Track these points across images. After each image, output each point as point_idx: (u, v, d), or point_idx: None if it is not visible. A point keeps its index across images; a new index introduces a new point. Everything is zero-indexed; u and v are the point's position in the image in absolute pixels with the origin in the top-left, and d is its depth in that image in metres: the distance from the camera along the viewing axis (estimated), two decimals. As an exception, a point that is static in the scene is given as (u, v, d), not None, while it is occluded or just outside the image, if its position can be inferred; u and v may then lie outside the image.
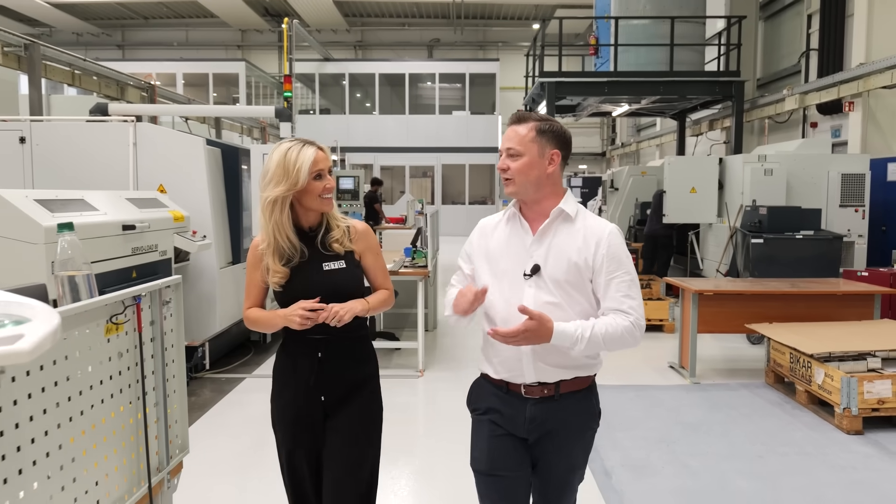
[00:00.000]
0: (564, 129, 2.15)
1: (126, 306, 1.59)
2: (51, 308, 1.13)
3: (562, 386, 2.11)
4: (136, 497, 1.64)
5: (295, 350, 2.32)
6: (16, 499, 1.21)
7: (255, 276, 2.32)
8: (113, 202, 4.68)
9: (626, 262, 2.07)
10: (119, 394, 1.58)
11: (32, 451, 1.27)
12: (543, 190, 2.12)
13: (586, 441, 2.20)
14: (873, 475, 3.86)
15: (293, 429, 2.31)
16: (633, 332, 2.03)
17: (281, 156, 2.23)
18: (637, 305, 2.05)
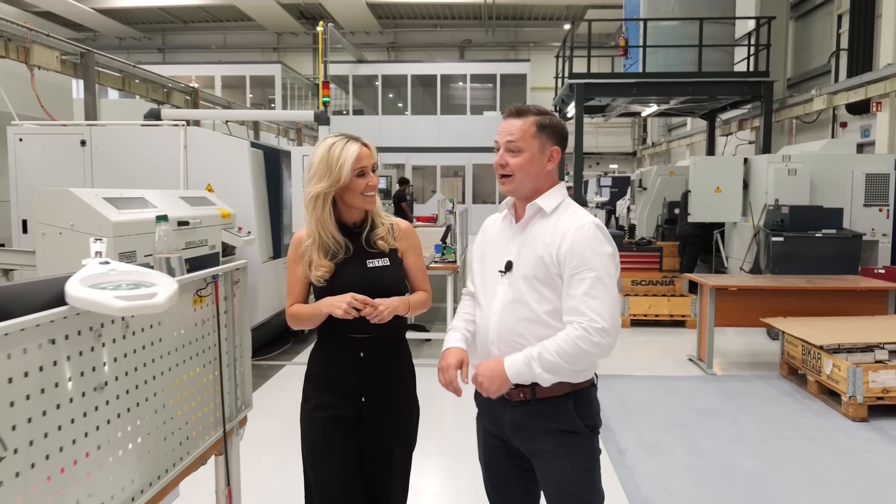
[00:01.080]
0: (563, 124, 2.09)
1: (207, 283, 1.96)
2: (170, 278, 1.49)
3: (537, 390, 1.99)
4: (214, 439, 2.00)
5: (335, 349, 2.27)
6: (135, 425, 1.58)
7: (296, 272, 2.27)
8: (168, 200, 5.11)
9: (591, 258, 1.91)
10: (201, 354, 1.94)
11: (142, 392, 1.64)
12: (541, 186, 2.05)
13: (574, 454, 2.01)
14: (872, 458, 4.10)
15: (326, 427, 2.24)
16: (590, 338, 1.87)
17: (325, 151, 2.21)
18: (598, 306, 1.88)
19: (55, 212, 4.17)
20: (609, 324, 1.89)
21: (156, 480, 1.69)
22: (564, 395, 1.98)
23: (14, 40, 7.39)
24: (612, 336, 1.90)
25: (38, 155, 6.14)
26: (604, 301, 1.89)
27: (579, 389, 2.00)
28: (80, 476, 1.40)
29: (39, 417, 1.27)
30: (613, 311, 1.91)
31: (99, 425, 1.46)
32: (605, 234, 1.97)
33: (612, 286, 1.93)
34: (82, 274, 1.37)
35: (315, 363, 2.30)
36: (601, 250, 1.93)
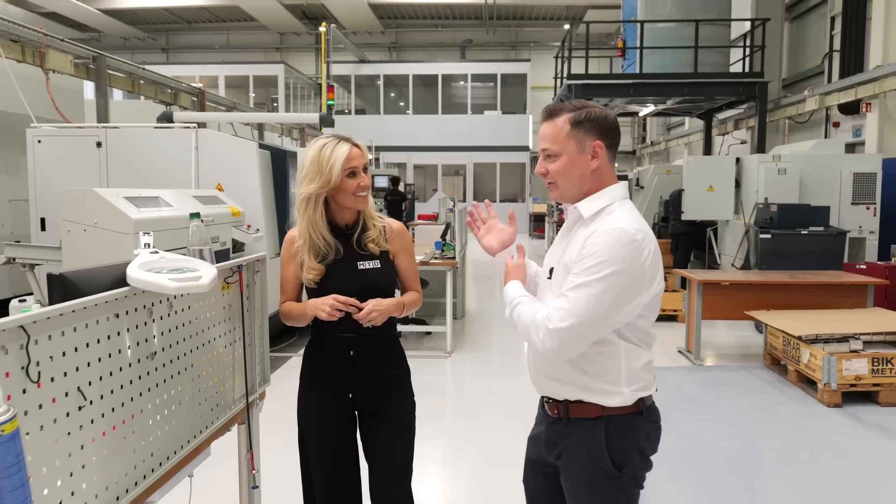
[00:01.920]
0: (605, 113, 1.86)
1: (233, 272, 2.24)
2: (209, 264, 1.77)
3: (570, 409, 1.85)
4: (238, 408, 2.29)
5: (325, 348, 2.30)
6: (176, 390, 1.87)
7: (289, 270, 2.30)
8: (182, 199, 5.40)
9: (591, 264, 1.71)
10: (227, 333, 2.23)
11: (182, 362, 1.93)
12: (590, 188, 1.86)
13: (599, 489, 1.83)
14: (842, 439, 4.39)
15: (320, 427, 2.28)
16: (538, 330, 1.75)
17: (316, 152, 2.20)
18: (564, 311, 1.71)
19: (80, 210, 4.46)
20: (562, 328, 1.71)
21: (192, 439, 1.98)
22: (596, 418, 1.81)
23: (30, 45, 7.67)
24: (559, 342, 1.72)
25: (56, 156, 6.42)
26: (573, 307, 1.71)
27: (614, 415, 1.81)
28: (136, 428, 1.68)
29: (107, 377, 1.56)
30: (578, 322, 1.70)
31: (150, 388, 1.74)
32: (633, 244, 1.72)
33: (597, 303, 1.70)
34: (139, 261, 1.65)
35: (308, 361, 2.35)
36: (611, 258, 1.70)
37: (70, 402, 1.43)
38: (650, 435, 1.87)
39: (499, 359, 6.74)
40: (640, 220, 1.81)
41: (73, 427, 1.44)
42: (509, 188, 25.12)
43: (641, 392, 1.83)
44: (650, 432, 1.86)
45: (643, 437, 1.84)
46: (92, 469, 1.50)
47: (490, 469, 4.07)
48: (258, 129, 14.22)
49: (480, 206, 2.20)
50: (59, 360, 1.39)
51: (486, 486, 3.84)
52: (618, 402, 1.80)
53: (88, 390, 1.48)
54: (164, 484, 1.83)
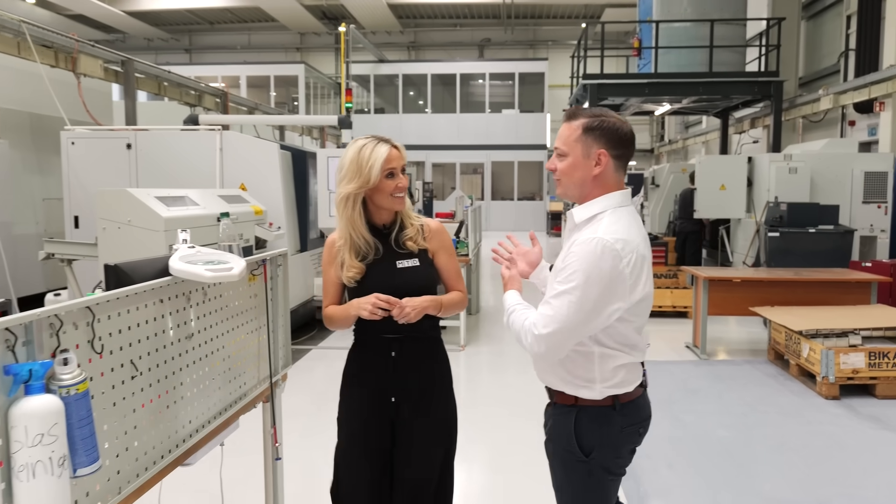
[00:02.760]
0: (619, 124, 1.95)
1: (259, 265, 2.49)
2: (239, 257, 2.03)
3: (556, 396, 2.05)
4: (262, 388, 2.55)
5: (367, 349, 2.32)
6: (209, 368, 2.14)
7: (330, 273, 2.33)
8: (208, 198, 5.69)
9: (569, 273, 1.85)
10: (253, 320, 2.48)
11: (215, 344, 2.18)
12: (590, 192, 1.97)
13: (567, 469, 2.03)
14: (836, 429, 4.57)
15: (363, 429, 2.30)
16: (526, 334, 1.92)
17: (355, 153, 2.23)
18: (547, 317, 1.86)
19: (115, 209, 4.77)
20: (546, 334, 1.86)
21: (223, 412, 2.24)
22: (570, 406, 1.99)
23: (63, 50, 8.02)
24: (544, 346, 1.87)
25: (89, 157, 6.75)
26: (555, 314, 1.85)
27: (586, 406, 1.97)
28: (176, 399, 1.94)
29: (153, 353, 1.82)
30: (557, 331, 1.85)
31: (188, 364, 2.00)
32: (608, 253, 1.83)
33: (577, 309, 1.83)
34: (179, 254, 1.91)
35: (351, 363, 2.38)
36: (587, 267, 1.83)
37: (124, 373, 1.69)
38: (625, 429, 1.98)
39: (511, 352, 6.97)
40: (628, 229, 1.89)
41: (127, 393, 1.70)
42: (527, 186, 25.28)
43: (614, 390, 1.95)
44: (625, 426, 1.98)
45: (616, 430, 1.97)
46: (141, 430, 1.76)
47: (501, 456, 4.31)
48: (279, 130, 14.55)
49: (505, 242, 2.32)
50: (116, 337, 1.65)
51: (497, 473, 4.08)
52: (589, 395, 1.95)
53: (139, 363, 1.74)
54: (199, 449, 2.09)
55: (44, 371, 1.32)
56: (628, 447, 2.04)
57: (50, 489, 1.30)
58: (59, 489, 1.32)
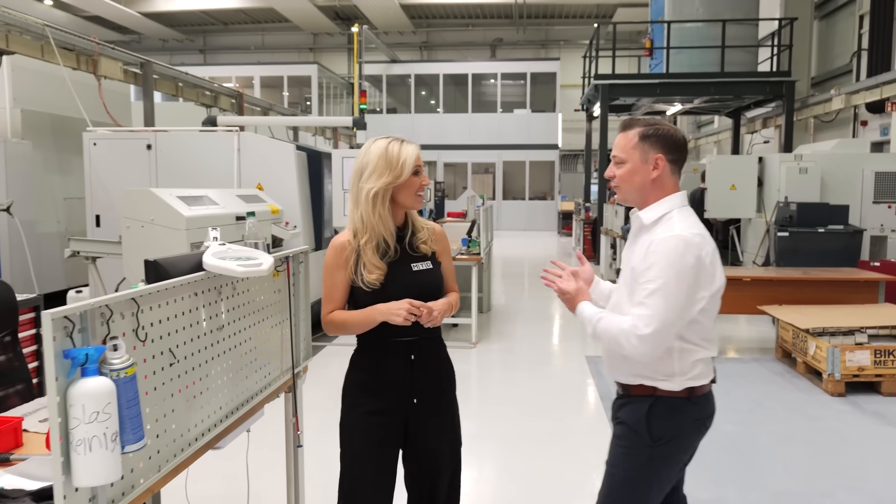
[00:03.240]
0: (673, 132, 2.11)
1: (282, 262, 2.63)
2: (266, 254, 2.17)
3: (631, 389, 2.14)
4: (285, 378, 2.68)
5: (384, 354, 2.28)
6: (238, 358, 2.27)
7: (339, 278, 2.26)
8: (227, 198, 5.84)
9: (657, 270, 1.96)
10: (277, 314, 2.62)
11: (242, 335, 2.32)
12: (649, 195, 2.10)
13: (630, 449, 2.11)
14: (840, 425, 4.67)
15: (381, 435, 2.27)
16: (628, 339, 1.97)
17: (382, 149, 2.22)
18: (647, 316, 1.95)
19: (139, 208, 4.93)
20: (651, 335, 1.94)
21: (250, 399, 2.38)
22: (646, 397, 2.09)
23: (84, 53, 8.21)
24: (650, 345, 1.96)
25: (110, 157, 6.93)
26: (654, 313, 1.94)
27: (663, 396, 2.07)
28: (210, 385, 2.08)
29: (189, 342, 1.95)
30: (660, 327, 1.94)
31: (219, 354, 2.14)
32: (691, 247, 1.97)
33: (674, 303, 1.94)
34: (212, 251, 2.04)
35: (362, 369, 2.31)
36: (674, 265, 1.95)
37: (164, 360, 1.83)
38: (696, 421, 2.11)
39: (522, 349, 7.09)
40: (698, 224, 2.05)
41: (166, 379, 1.84)
42: (538, 186, 25.36)
43: (692, 382, 2.07)
44: (696, 418, 2.10)
45: (688, 421, 2.09)
46: (178, 414, 1.90)
47: (511, 446, 4.44)
48: (293, 130, 14.74)
49: (551, 268, 2.39)
50: (157, 327, 1.79)
51: (507, 469, 4.21)
52: (668, 387, 2.07)
53: (176, 351, 1.88)
54: (228, 434, 2.22)
55: (98, 355, 1.46)
56: (693, 440, 2.14)
57: (104, 462, 1.44)
58: (112, 462, 1.46)
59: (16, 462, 1.86)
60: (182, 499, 2.90)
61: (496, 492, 3.86)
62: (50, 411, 1.40)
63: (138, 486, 1.70)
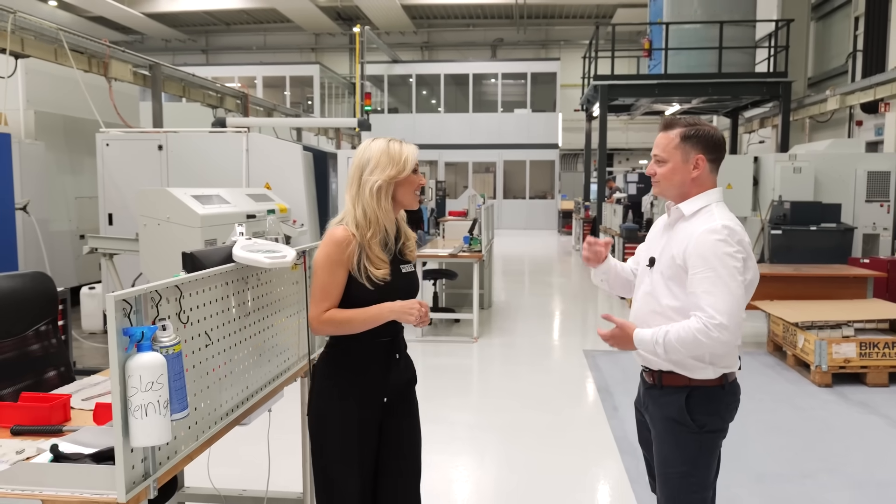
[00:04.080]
0: (713, 132, 2.19)
1: (300, 256, 2.85)
2: (289, 247, 2.38)
3: (663, 378, 2.20)
4: (301, 364, 2.90)
5: (364, 354, 2.28)
6: (262, 342, 2.49)
7: (339, 274, 2.21)
8: (237, 197, 6.07)
9: (711, 259, 2.04)
10: (294, 304, 2.84)
11: (266, 322, 2.54)
12: (689, 192, 2.19)
13: (678, 441, 2.19)
14: (825, 414, 4.89)
15: (360, 435, 2.27)
16: (708, 333, 2.01)
17: (383, 146, 2.25)
18: (716, 303, 2.00)
19: (155, 207, 5.15)
20: (727, 320, 2.00)
21: (272, 381, 2.60)
22: (682, 387, 2.17)
23: (96, 56, 8.43)
24: (732, 332, 2.03)
25: (122, 158, 7.16)
26: (722, 298, 2.01)
27: (699, 386, 2.16)
28: (239, 367, 2.30)
29: (221, 325, 2.17)
30: (733, 308, 2.02)
31: (246, 338, 2.36)
32: (734, 235, 2.08)
33: (734, 285, 2.03)
34: (240, 244, 2.26)
35: (340, 369, 2.29)
36: (723, 250, 2.04)
37: (201, 341, 2.04)
38: (730, 405, 2.24)
39: (522, 344, 7.31)
40: (734, 217, 2.18)
41: (203, 358, 2.05)
42: (539, 185, 25.58)
43: (725, 370, 2.18)
44: (730, 403, 2.23)
45: (724, 407, 2.22)
46: (212, 390, 2.12)
47: (511, 437, 4.66)
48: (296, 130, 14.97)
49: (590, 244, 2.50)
50: (196, 311, 2.01)
51: (507, 453, 4.43)
52: (702, 376, 2.16)
53: (211, 334, 2.10)
54: (252, 412, 2.44)
55: (150, 334, 1.68)
56: (730, 419, 2.27)
57: (157, 425, 1.65)
58: (164, 426, 1.67)
59: (67, 433, 2.07)
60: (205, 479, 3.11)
61: (496, 482, 4.07)
62: (112, 380, 1.62)
63: (180, 451, 1.92)
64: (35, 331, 2.64)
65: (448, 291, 9.10)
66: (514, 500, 3.75)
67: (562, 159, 25.59)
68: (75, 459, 1.81)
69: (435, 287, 8.36)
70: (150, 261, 5.19)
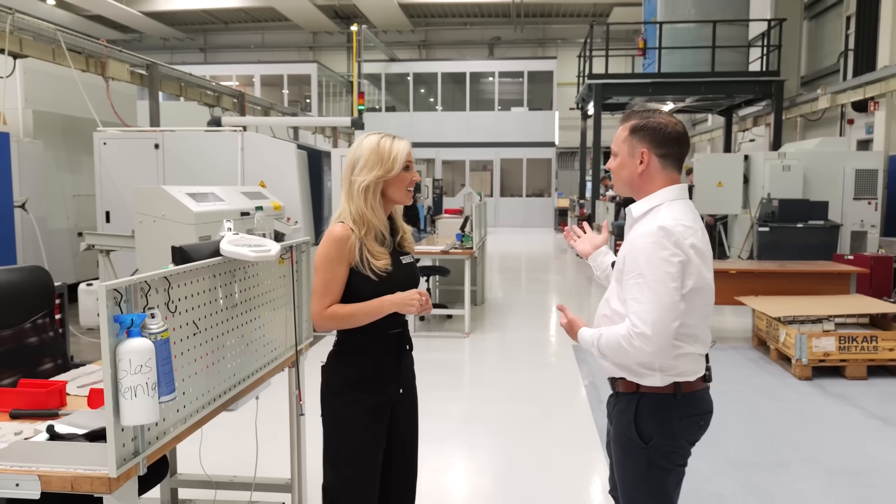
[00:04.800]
0: (664, 125, 2.05)
1: (287, 250, 2.97)
2: (274, 242, 2.51)
3: (618, 384, 2.11)
4: (289, 354, 3.02)
5: (379, 347, 2.33)
6: (249, 332, 2.62)
7: (339, 271, 2.25)
8: (231, 195, 6.19)
9: (641, 264, 1.93)
10: (282, 297, 2.96)
11: (253, 313, 2.66)
12: (639, 189, 2.09)
13: (627, 455, 2.10)
14: (804, 405, 5.02)
15: (379, 430, 2.33)
16: (631, 341, 1.92)
17: (374, 143, 2.27)
18: (641, 311, 1.91)
19: (150, 204, 5.28)
20: (650, 330, 1.89)
21: (259, 370, 2.72)
22: (632, 393, 2.05)
23: (93, 56, 8.54)
24: (654, 343, 1.90)
25: (119, 156, 7.28)
26: (648, 307, 1.90)
27: (647, 393, 2.03)
28: (226, 355, 2.42)
29: (209, 315, 2.29)
30: (658, 318, 1.90)
31: (233, 328, 2.48)
32: (670, 237, 1.93)
33: (663, 292, 1.90)
34: (227, 239, 2.39)
35: (353, 365, 2.34)
36: (655, 255, 1.92)
37: (188, 330, 2.17)
38: (684, 419, 2.04)
39: (512, 338, 7.43)
40: (687, 215, 2.00)
41: (190, 346, 2.18)
42: (535, 183, 25.70)
43: (677, 378, 2.02)
44: (684, 416, 2.04)
45: (675, 419, 2.03)
46: (199, 377, 2.24)
47: (499, 428, 4.78)
48: (293, 128, 15.08)
49: (574, 227, 2.60)
50: (184, 301, 2.13)
51: (498, 437, 4.56)
52: (650, 382, 2.02)
53: (199, 323, 2.22)
54: (239, 399, 2.56)
55: (140, 321, 1.80)
56: (686, 438, 2.09)
57: (146, 406, 1.77)
58: (152, 407, 1.80)
59: (63, 417, 2.20)
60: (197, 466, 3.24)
61: (480, 472, 4.20)
62: (104, 363, 1.74)
63: (169, 433, 2.05)
64: (32, 323, 2.76)
65: (441, 288, 9.24)
66: (500, 487, 3.88)
67: (559, 157, 25.71)
68: (70, 438, 1.94)
69: (428, 283, 8.48)
70: (146, 257, 5.32)
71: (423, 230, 9.78)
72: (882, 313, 6.00)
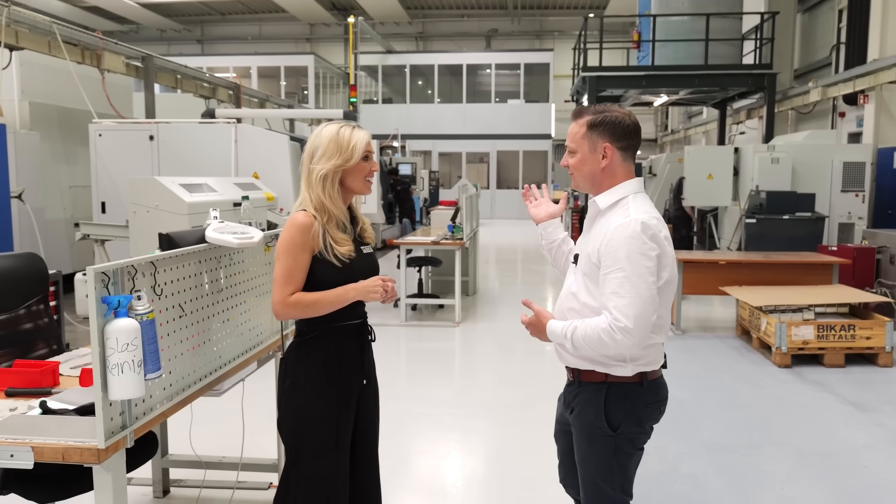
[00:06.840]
0: (622, 118, 2.08)
1: (272, 238, 3.09)
2: (258, 230, 2.63)
3: (582, 374, 2.13)
4: (274, 339, 3.15)
5: (339, 337, 2.34)
6: (235, 317, 2.74)
7: (302, 259, 2.24)
8: (224, 186, 6.30)
9: (621, 258, 1.95)
10: (267, 284, 3.08)
11: (238, 298, 2.78)
12: (601, 184, 2.11)
13: (593, 444, 2.13)
14: (781, 392, 5.15)
15: (341, 419, 2.34)
16: (612, 335, 1.94)
17: (333, 133, 2.28)
18: (623, 305, 1.93)
19: (144, 195, 5.39)
20: (632, 324, 1.92)
21: (244, 353, 2.84)
22: (600, 383, 2.09)
23: (89, 48, 8.63)
24: (636, 336, 1.94)
25: (115, 148, 7.38)
26: (630, 301, 1.93)
27: (616, 382, 2.08)
28: (212, 338, 2.54)
29: (195, 299, 2.41)
30: (639, 312, 1.93)
31: (218, 312, 2.60)
32: (648, 231, 1.98)
33: (643, 286, 1.94)
34: (212, 227, 2.51)
35: (320, 355, 2.33)
36: (635, 248, 1.95)
37: (174, 312, 2.29)
38: (649, 405, 2.12)
39: (502, 328, 7.56)
40: (653, 209, 2.08)
41: (176, 328, 2.30)
42: (532, 175, 25.77)
43: (644, 367, 2.08)
44: (650, 402, 2.12)
45: (641, 406, 2.10)
46: (185, 358, 2.36)
47: (487, 413, 4.91)
48: (289, 120, 15.17)
49: (534, 187, 2.57)
50: (170, 285, 2.25)
51: (487, 420, 4.69)
52: (620, 372, 2.07)
53: (185, 307, 2.34)
54: (225, 380, 2.69)
55: (127, 302, 1.92)
56: (650, 423, 2.17)
57: (132, 382, 1.90)
58: (138, 383, 1.92)
59: (55, 394, 2.32)
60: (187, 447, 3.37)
61: (464, 457, 4.33)
62: (92, 341, 1.87)
63: (156, 409, 2.17)
64: (27, 308, 2.88)
65: (433, 278, 9.36)
66: (492, 471, 4.01)
67: (555, 149, 25.79)
68: (61, 413, 2.06)
69: (420, 274, 8.60)
70: (140, 246, 5.42)
71: (418, 221, 9.89)
72: (861, 303, 6.14)
